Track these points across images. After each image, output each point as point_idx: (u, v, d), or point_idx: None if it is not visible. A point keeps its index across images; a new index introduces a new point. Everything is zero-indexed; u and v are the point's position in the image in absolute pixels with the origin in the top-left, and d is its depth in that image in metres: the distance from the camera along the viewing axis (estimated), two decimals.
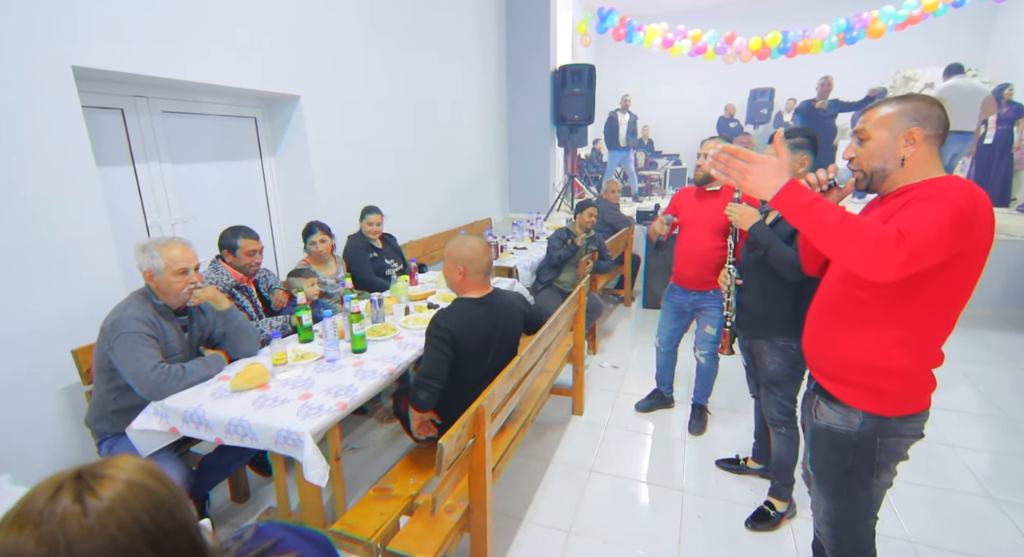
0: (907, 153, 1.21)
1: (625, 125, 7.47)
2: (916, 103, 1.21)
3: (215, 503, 2.29)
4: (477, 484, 1.64)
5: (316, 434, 1.58)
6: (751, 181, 1.14)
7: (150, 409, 1.73)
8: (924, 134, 1.20)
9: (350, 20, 3.46)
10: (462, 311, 1.87)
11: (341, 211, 3.42)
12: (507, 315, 2.00)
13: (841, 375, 1.29)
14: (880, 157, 1.24)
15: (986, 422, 2.88)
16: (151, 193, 2.59)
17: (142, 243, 1.83)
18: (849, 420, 1.28)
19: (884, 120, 1.23)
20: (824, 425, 1.34)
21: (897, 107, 1.22)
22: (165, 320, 1.86)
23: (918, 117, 1.20)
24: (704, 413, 2.88)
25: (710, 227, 2.50)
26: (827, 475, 1.37)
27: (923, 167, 1.21)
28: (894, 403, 1.23)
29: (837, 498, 1.37)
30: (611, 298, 5.20)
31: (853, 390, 1.27)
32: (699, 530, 2.13)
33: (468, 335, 1.84)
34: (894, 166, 1.23)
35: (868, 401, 1.25)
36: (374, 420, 2.96)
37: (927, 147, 1.20)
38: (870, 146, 1.25)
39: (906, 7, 6.52)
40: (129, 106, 2.46)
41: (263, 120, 3.21)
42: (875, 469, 1.28)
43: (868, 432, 1.26)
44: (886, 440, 1.26)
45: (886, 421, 1.24)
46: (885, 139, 1.23)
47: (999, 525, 2.11)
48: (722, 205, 2.53)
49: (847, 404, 1.28)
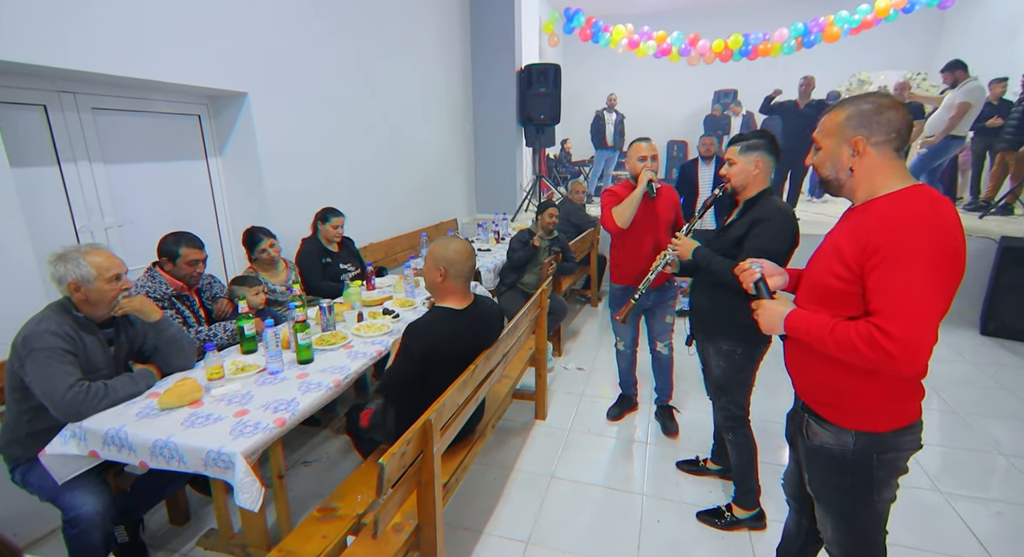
0: (853, 163, 1.16)
1: (612, 124, 7.47)
2: (862, 107, 1.15)
3: (152, 526, 2.15)
4: (426, 501, 1.56)
5: (251, 454, 1.48)
6: (764, 323, 1.28)
7: (66, 432, 1.59)
8: (871, 142, 1.14)
9: (301, 13, 3.32)
10: (436, 323, 1.78)
11: (294, 213, 3.28)
12: (486, 327, 1.95)
13: (827, 399, 1.24)
14: (830, 167, 1.21)
15: (935, 416, 2.96)
16: (80, 196, 2.41)
17: (57, 253, 1.67)
18: (842, 440, 1.22)
19: (831, 127, 1.19)
20: (818, 445, 1.27)
21: (843, 113, 1.17)
22: (87, 333, 1.72)
23: (863, 123, 1.14)
24: (672, 412, 2.88)
25: (666, 224, 2.59)
26: (828, 496, 1.31)
27: (879, 177, 1.15)
28: (885, 419, 1.18)
29: (842, 518, 1.30)
30: (578, 299, 5.19)
31: (841, 412, 1.22)
32: (658, 534, 2.10)
33: (441, 348, 1.75)
34: (845, 176, 1.19)
35: (858, 420, 1.20)
36: (329, 431, 2.84)
37: (877, 154, 1.14)
38: (821, 156, 1.23)
39: (860, 12, 6.73)
40: (53, 102, 2.28)
41: (208, 118, 3.05)
42: (875, 486, 1.22)
43: (863, 450, 1.20)
44: (883, 456, 1.20)
45: (880, 437, 1.18)
46: (832, 148, 1.19)
47: (948, 518, 2.15)
48: (666, 202, 2.57)
49: (837, 424, 1.22)
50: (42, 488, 1.65)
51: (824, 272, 1.19)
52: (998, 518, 2.15)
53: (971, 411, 2.99)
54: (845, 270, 1.13)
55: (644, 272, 2.60)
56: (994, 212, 5.44)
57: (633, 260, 2.63)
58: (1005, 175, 5.72)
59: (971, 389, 3.25)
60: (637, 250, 2.61)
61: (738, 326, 1.84)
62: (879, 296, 1.06)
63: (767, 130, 1.98)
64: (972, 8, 7.59)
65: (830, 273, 1.17)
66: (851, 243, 1.12)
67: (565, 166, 9.52)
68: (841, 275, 1.14)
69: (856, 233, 1.12)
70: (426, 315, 1.82)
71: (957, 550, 1.98)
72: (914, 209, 1.06)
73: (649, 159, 2.48)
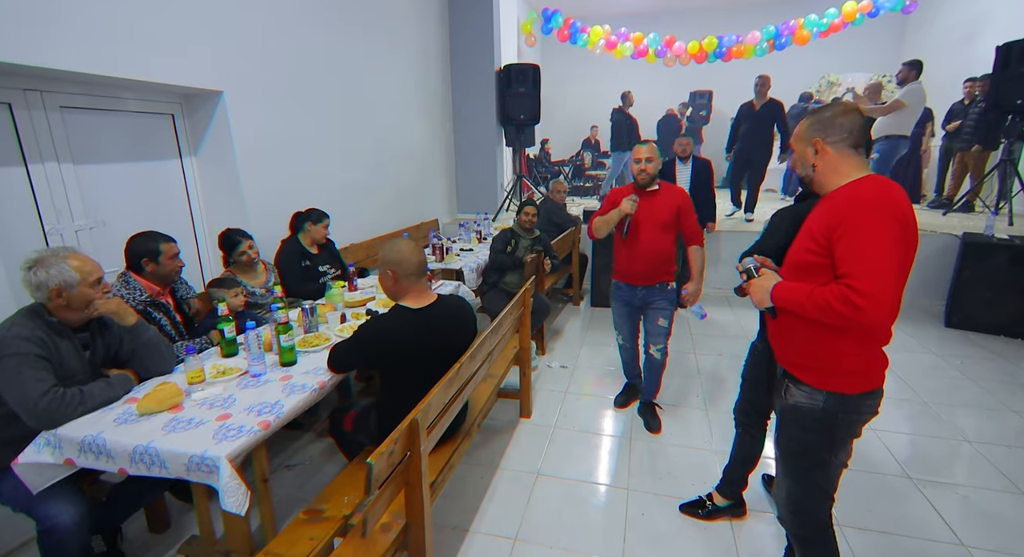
0: (815, 161, 1.40)
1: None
2: (821, 115, 1.40)
3: (130, 535, 2.09)
4: (414, 500, 1.56)
5: (235, 458, 1.46)
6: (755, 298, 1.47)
7: (40, 440, 1.54)
8: (828, 141, 1.37)
9: (278, 11, 3.27)
10: (390, 321, 1.80)
11: (272, 214, 3.23)
12: (452, 327, 1.92)
13: (803, 362, 1.43)
14: (801, 165, 1.46)
15: (903, 406, 3.08)
16: (48, 197, 2.33)
17: (33, 258, 1.62)
18: (814, 398, 1.41)
19: (799, 133, 1.45)
20: (791, 404, 1.47)
21: (807, 121, 1.43)
22: (61, 338, 1.67)
23: (820, 127, 1.38)
24: (655, 409, 2.93)
25: (660, 225, 2.62)
26: (791, 453, 1.51)
27: (839, 170, 1.37)
28: (852, 382, 1.36)
29: (798, 475, 1.51)
30: (560, 298, 5.23)
31: (815, 374, 1.41)
32: (643, 527, 2.14)
33: (393, 346, 1.76)
34: (811, 172, 1.43)
35: (830, 382, 1.38)
36: (312, 434, 2.81)
37: (835, 152, 1.37)
38: (794, 157, 1.48)
39: (828, 16, 6.94)
40: (18, 100, 2.21)
41: (182, 117, 2.98)
42: (834, 446, 1.43)
43: (831, 409, 1.39)
44: (846, 416, 1.39)
45: (847, 398, 1.38)
46: (800, 150, 1.44)
47: (917, 503, 2.24)
48: (664, 202, 2.61)
49: (811, 385, 1.41)
50: (15, 499, 1.60)
51: (799, 250, 1.40)
52: (964, 502, 2.25)
53: (937, 401, 3.12)
54: (816, 245, 1.32)
55: (641, 272, 2.66)
56: (956, 209, 5.67)
57: (627, 259, 2.70)
58: (965, 174, 5.96)
59: (937, 379, 3.39)
60: (631, 250, 2.67)
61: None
62: (845, 262, 1.24)
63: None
64: (932, 13, 7.90)
65: (804, 250, 1.37)
66: (819, 223, 1.32)
67: (545, 166, 9.57)
68: (813, 250, 1.33)
69: (823, 215, 1.32)
70: (384, 314, 1.84)
71: (926, 533, 2.06)
72: (867, 191, 1.27)
73: (644, 161, 2.53)
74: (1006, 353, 3.78)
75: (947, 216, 5.51)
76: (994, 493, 2.29)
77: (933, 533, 2.06)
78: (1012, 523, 2.11)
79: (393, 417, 1.76)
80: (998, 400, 3.11)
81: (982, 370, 3.51)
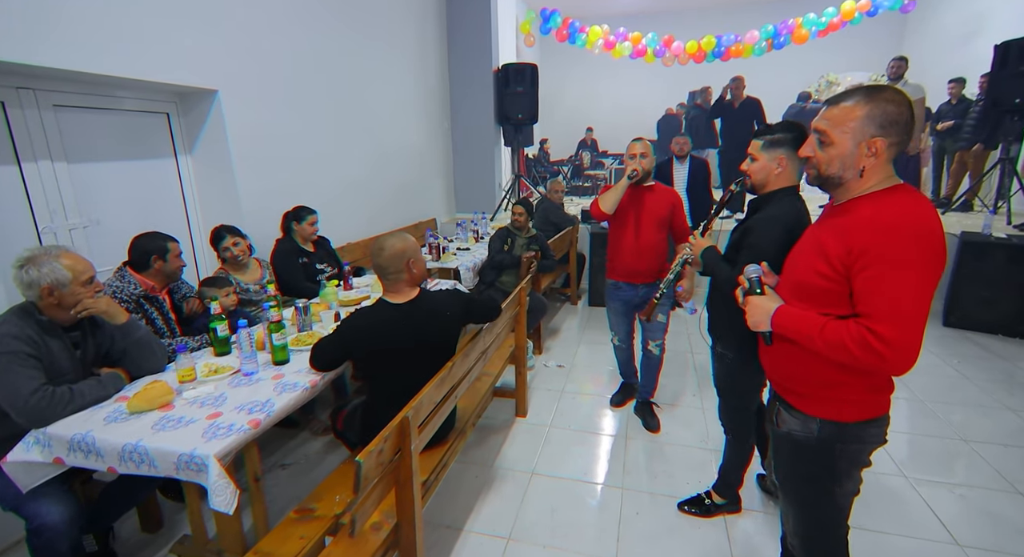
0: (868, 164, 1.12)
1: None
2: (886, 105, 1.09)
3: (123, 534, 2.09)
4: (405, 499, 1.55)
5: (224, 456, 1.45)
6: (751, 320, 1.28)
7: (29, 438, 1.53)
8: (888, 143, 1.10)
9: (273, 9, 3.27)
10: (369, 314, 1.81)
11: (269, 213, 3.22)
12: (430, 325, 1.87)
13: (799, 389, 1.27)
14: (840, 165, 1.15)
15: (900, 404, 3.07)
16: (42, 196, 2.33)
17: (25, 257, 1.62)
18: (808, 427, 1.25)
19: (849, 123, 1.12)
20: (784, 432, 1.31)
21: (865, 108, 1.10)
22: (51, 337, 1.67)
23: (885, 124, 1.09)
24: (653, 408, 2.92)
25: (654, 221, 2.63)
26: (791, 484, 1.35)
27: (878, 176, 1.14)
28: (852, 410, 1.20)
29: (803, 507, 1.34)
30: (558, 297, 5.22)
31: (811, 401, 1.25)
32: (638, 526, 2.13)
33: (370, 339, 1.78)
34: (852, 176, 1.15)
35: (826, 409, 1.22)
36: (308, 433, 2.80)
37: (887, 156, 1.12)
38: (831, 152, 1.15)
39: (826, 15, 6.93)
40: (11, 99, 2.20)
41: (177, 116, 2.97)
42: (837, 476, 1.25)
43: (827, 438, 1.22)
44: (846, 447, 1.22)
45: (845, 427, 1.20)
46: (848, 148, 1.13)
47: (912, 502, 2.23)
48: (659, 199, 2.61)
49: (804, 412, 1.26)
50: (4, 497, 1.59)
51: (808, 270, 1.19)
52: (961, 501, 2.24)
53: (935, 399, 3.11)
54: (830, 270, 1.13)
55: (639, 268, 2.66)
56: (955, 209, 5.66)
57: (618, 255, 2.71)
58: (964, 173, 5.95)
59: (935, 378, 3.38)
60: (619, 244, 2.69)
61: (731, 331, 1.83)
62: (870, 298, 1.06)
63: (798, 122, 1.75)
64: (931, 12, 7.89)
65: (814, 272, 1.17)
66: (836, 243, 1.12)
67: (544, 165, 9.56)
68: (826, 274, 1.14)
69: (841, 234, 1.12)
70: (365, 308, 1.87)
71: (922, 533, 2.06)
72: (900, 213, 1.06)
73: (639, 157, 2.53)
74: (1004, 352, 3.77)
75: (945, 215, 5.50)
76: (991, 492, 2.28)
77: (929, 533, 2.06)
78: (1009, 523, 2.10)
79: (376, 415, 1.78)
80: (995, 399, 3.10)
81: (979, 369, 3.50)
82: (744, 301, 1.31)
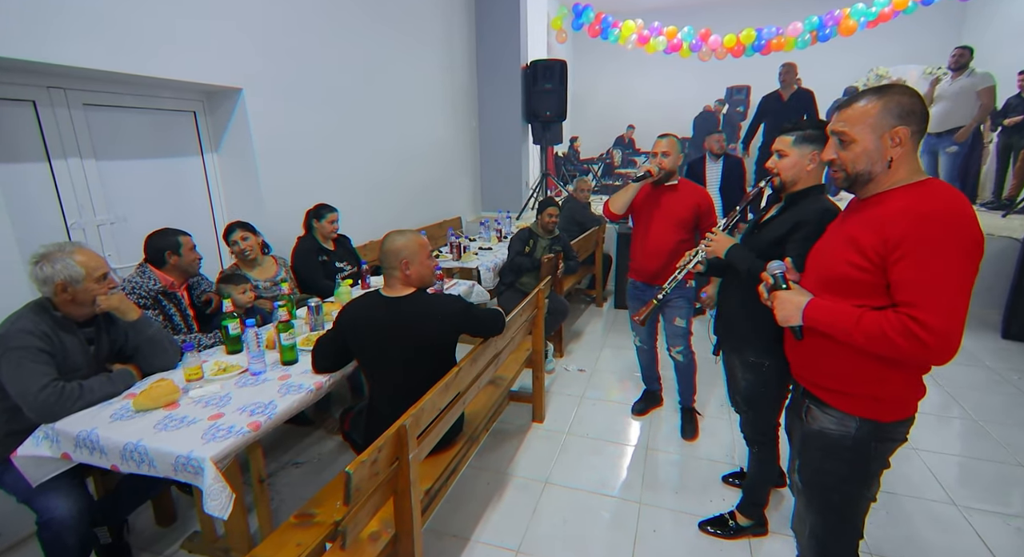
0: (895, 154, 1.14)
1: None
2: (900, 98, 1.13)
3: (138, 527, 2.12)
4: (403, 509, 1.50)
5: (221, 460, 1.43)
6: (780, 314, 1.26)
7: (39, 433, 1.56)
8: (911, 131, 1.13)
9: (299, 8, 3.28)
10: (359, 300, 1.87)
11: (291, 211, 3.24)
12: (415, 323, 1.77)
13: (836, 386, 1.25)
14: (867, 160, 1.16)
15: (951, 424, 2.83)
16: (71, 193, 2.39)
17: (40, 254, 1.65)
18: (844, 424, 1.24)
19: (867, 119, 1.15)
20: (816, 429, 1.29)
21: (879, 103, 1.14)
22: (66, 333, 1.69)
23: (903, 114, 1.12)
24: (694, 415, 2.80)
25: (674, 221, 2.53)
26: (817, 486, 1.33)
27: (906, 167, 1.15)
28: (891, 409, 1.21)
29: (825, 512, 1.33)
30: (583, 298, 5.10)
31: (849, 399, 1.23)
32: (654, 545, 2.02)
33: (354, 326, 1.82)
34: (881, 169, 1.16)
35: (865, 408, 1.21)
36: (322, 431, 2.80)
37: (912, 145, 1.14)
38: (855, 149, 1.17)
39: (877, 4, 6.51)
40: (43, 98, 2.26)
41: (204, 114, 3.02)
42: (867, 478, 1.26)
43: (864, 437, 1.22)
44: (881, 445, 1.23)
45: (883, 426, 1.21)
46: (872, 142, 1.15)
47: (962, 533, 2.03)
48: (682, 199, 2.49)
49: (841, 409, 1.24)
50: (17, 490, 1.63)
51: (839, 262, 1.19)
52: (1017, 534, 2.02)
53: (991, 419, 2.85)
54: (864, 260, 1.13)
55: (652, 269, 2.55)
56: (1018, 210, 5.22)
57: (641, 256, 2.63)
58: None
59: (991, 395, 3.10)
60: (643, 245, 2.60)
61: (770, 336, 1.65)
62: (910, 287, 1.06)
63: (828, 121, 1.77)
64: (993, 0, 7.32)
65: (847, 263, 1.16)
66: (870, 234, 1.12)
67: (573, 164, 9.42)
68: (860, 265, 1.13)
69: (874, 225, 1.12)
70: (362, 294, 1.94)
71: None
72: (937, 201, 1.07)
73: (661, 155, 2.42)
74: None
75: (1007, 217, 5.08)
76: None
77: None
78: None
79: (376, 417, 1.75)
80: None
81: None
82: (770, 297, 1.30)
